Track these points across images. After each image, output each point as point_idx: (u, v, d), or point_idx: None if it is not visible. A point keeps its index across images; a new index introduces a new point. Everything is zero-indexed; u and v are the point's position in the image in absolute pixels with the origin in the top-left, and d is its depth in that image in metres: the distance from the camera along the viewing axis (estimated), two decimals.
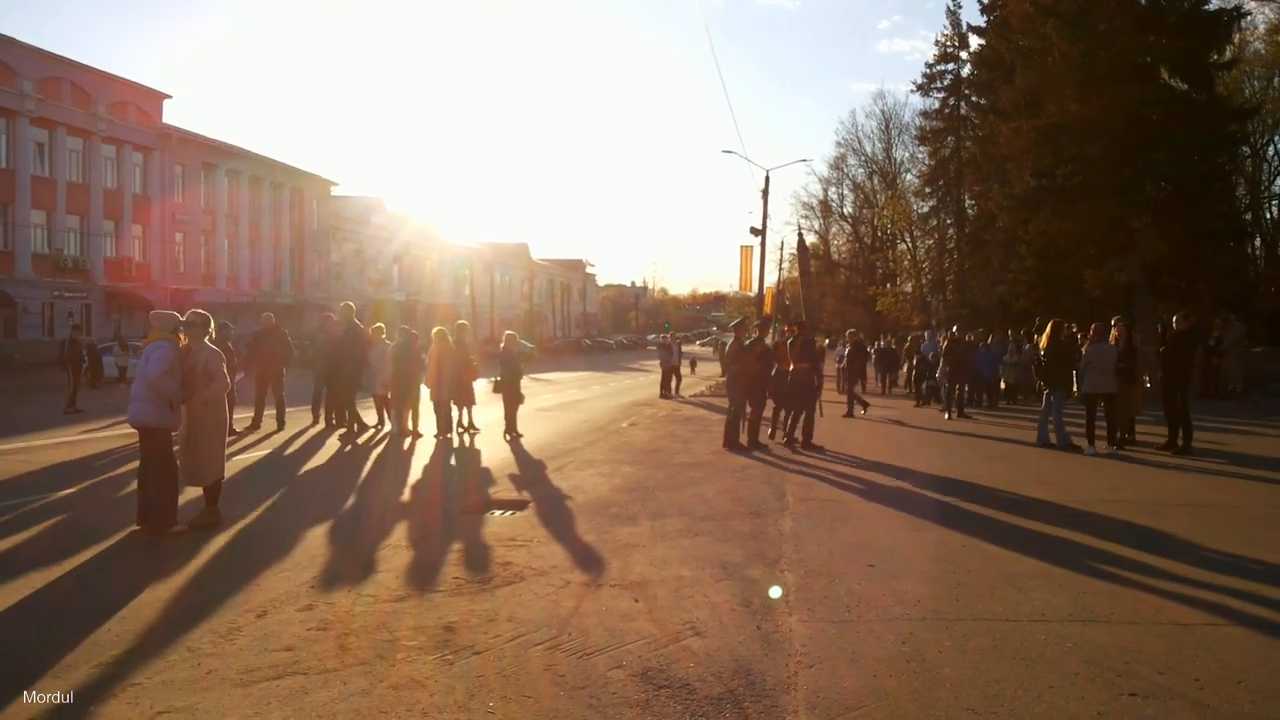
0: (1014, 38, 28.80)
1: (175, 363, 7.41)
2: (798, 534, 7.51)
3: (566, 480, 10.29)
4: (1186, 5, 24.73)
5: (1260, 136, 36.49)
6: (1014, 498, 9.19)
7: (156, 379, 7.27)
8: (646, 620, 5.20)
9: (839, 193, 60.63)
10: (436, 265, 66.97)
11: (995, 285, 30.21)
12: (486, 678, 4.38)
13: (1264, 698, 4.09)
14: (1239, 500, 9.01)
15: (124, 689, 4.29)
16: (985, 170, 33.71)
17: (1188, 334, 12.67)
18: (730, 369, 13.42)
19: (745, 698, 4.13)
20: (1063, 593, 5.74)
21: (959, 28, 47.52)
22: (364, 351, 14.78)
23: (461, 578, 6.12)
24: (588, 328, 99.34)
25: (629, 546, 7.02)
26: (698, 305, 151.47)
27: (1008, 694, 4.16)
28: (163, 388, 7.30)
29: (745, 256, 36.70)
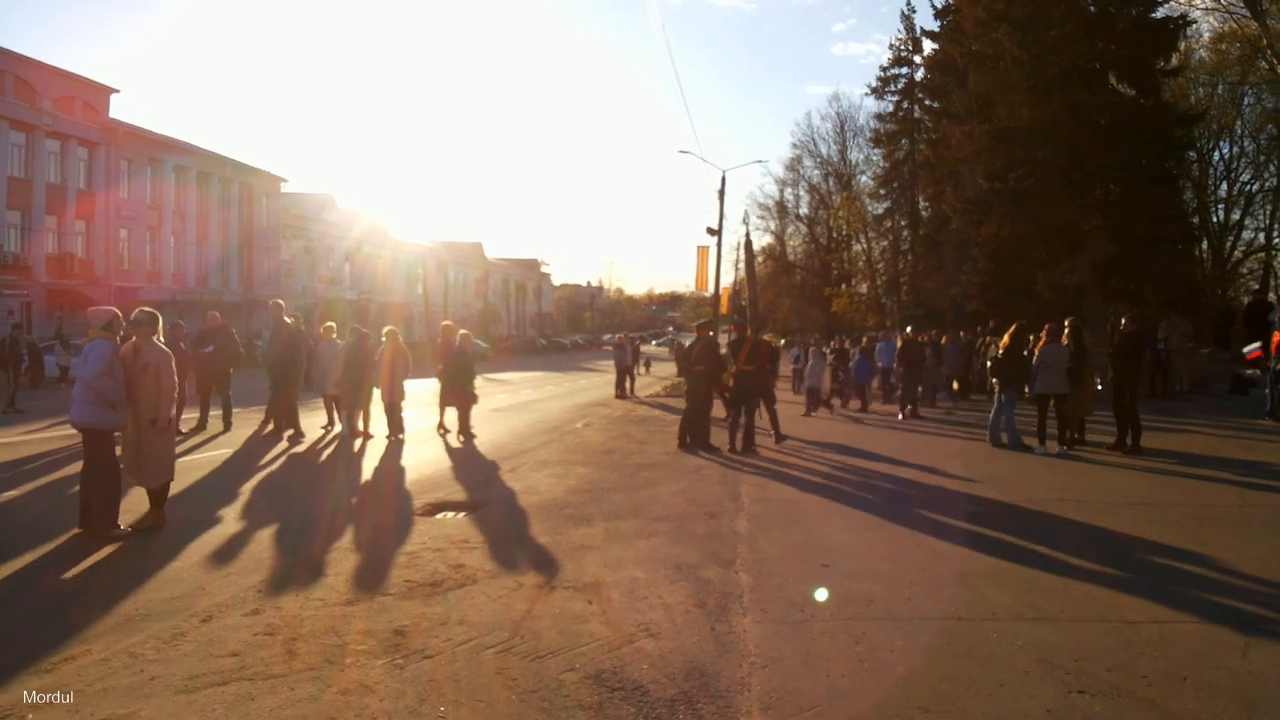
0: (966, 42, 29.18)
1: (114, 362, 7.23)
2: (752, 534, 7.51)
3: (520, 481, 10.22)
4: (1134, 13, 25.21)
5: (1205, 142, 37.33)
6: (966, 497, 9.27)
7: (94, 380, 7.09)
8: (600, 622, 5.16)
9: (795, 194, 60.93)
10: (389, 264, 66.30)
11: (949, 286, 30.56)
12: (438, 682, 4.32)
13: (1209, 694, 4.15)
14: (1185, 499, 9.16)
15: (64, 696, 4.18)
16: (939, 173, 34.11)
17: (1136, 335, 12.89)
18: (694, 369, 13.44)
19: (699, 699, 4.11)
20: (1013, 591, 5.79)
21: (913, 32, 48.15)
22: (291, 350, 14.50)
23: (413, 581, 6.03)
24: (543, 327, 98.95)
25: (583, 548, 6.98)
26: (654, 305, 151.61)
27: (960, 692, 4.18)
28: (101, 388, 7.12)
29: (702, 257, 36.74)
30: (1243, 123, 38.24)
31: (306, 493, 9.82)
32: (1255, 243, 41.25)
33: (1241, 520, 8.06)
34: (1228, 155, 39.92)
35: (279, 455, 12.36)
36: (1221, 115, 36.74)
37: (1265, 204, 39.87)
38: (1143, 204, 24.24)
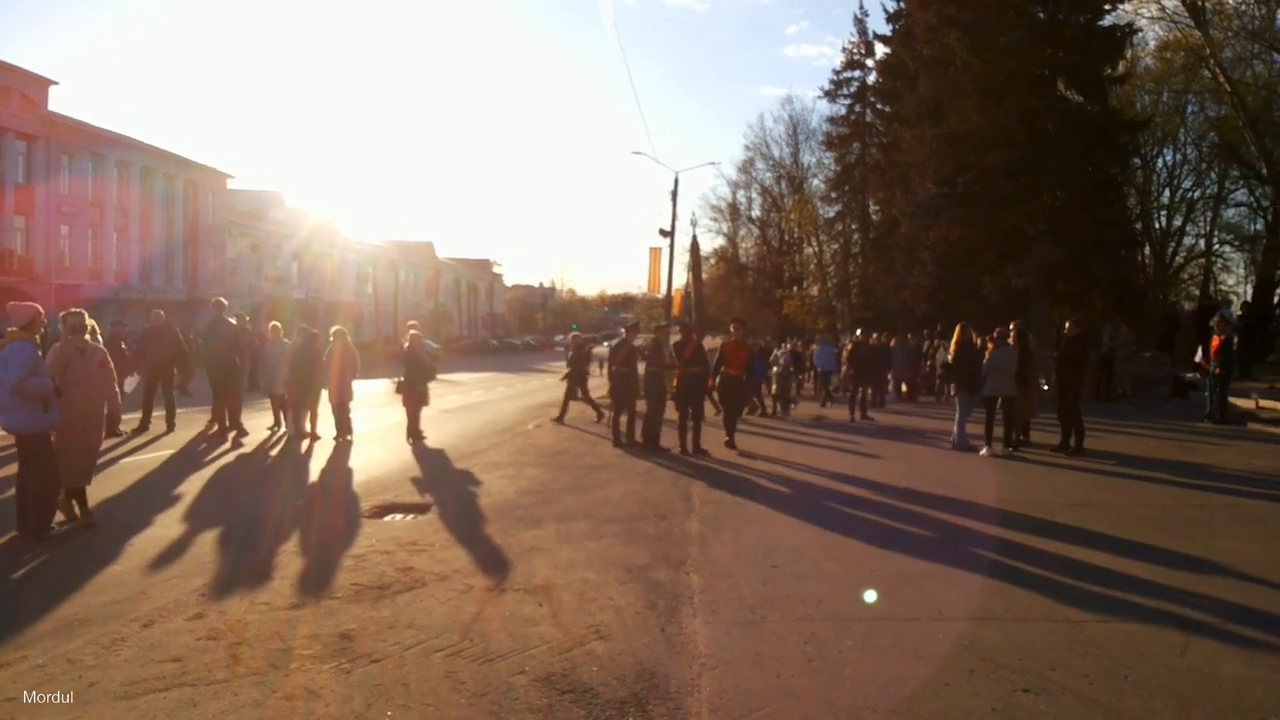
0: (918, 47, 29.51)
1: (36, 360, 7.04)
2: (703, 536, 7.53)
3: (470, 483, 10.16)
4: (1082, 20, 25.64)
5: (1150, 149, 38.10)
6: (914, 497, 9.36)
7: (18, 385, 6.89)
8: (550, 624, 5.14)
9: (747, 196, 61.16)
10: (338, 262, 65.49)
11: (898, 289, 30.88)
12: (385, 686, 4.27)
13: (1149, 692, 4.23)
14: (1127, 500, 9.33)
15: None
16: (889, 177, 34.46)
17: (1080, 339, 13.12)
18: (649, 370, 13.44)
19: (649, 701, 4.11)
20: (960, 591, 5.87)
21: (865, 36, 48.51)
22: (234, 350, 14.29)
23: (360, 584, 5.96)
24: (494, 328, 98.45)
25: (534, 550, 6.95)
26: (606, 306, 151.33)
27: (906, 692, 4.23)
28: (27, 390, 6.93)
29: (654, 258, 36.87)
30: (1186, 130, 39.13)
31: (252, 495, 9.66)
32: (1196, 248, 42.28)
33: (1180, 520, 8.23)
34: (1171, 162, 40.85)
35: (224, 456, 12.15)
36: (1165, 123, 37.53)
37: (1206, 210, 40.89)
38: (1088, 209, 24.67)
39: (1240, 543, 7.32)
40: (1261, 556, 6.85)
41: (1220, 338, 15.55)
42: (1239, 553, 6.96)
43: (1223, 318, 16.46)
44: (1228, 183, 39.36)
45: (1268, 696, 4.18)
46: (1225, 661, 4.63)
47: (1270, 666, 4.56)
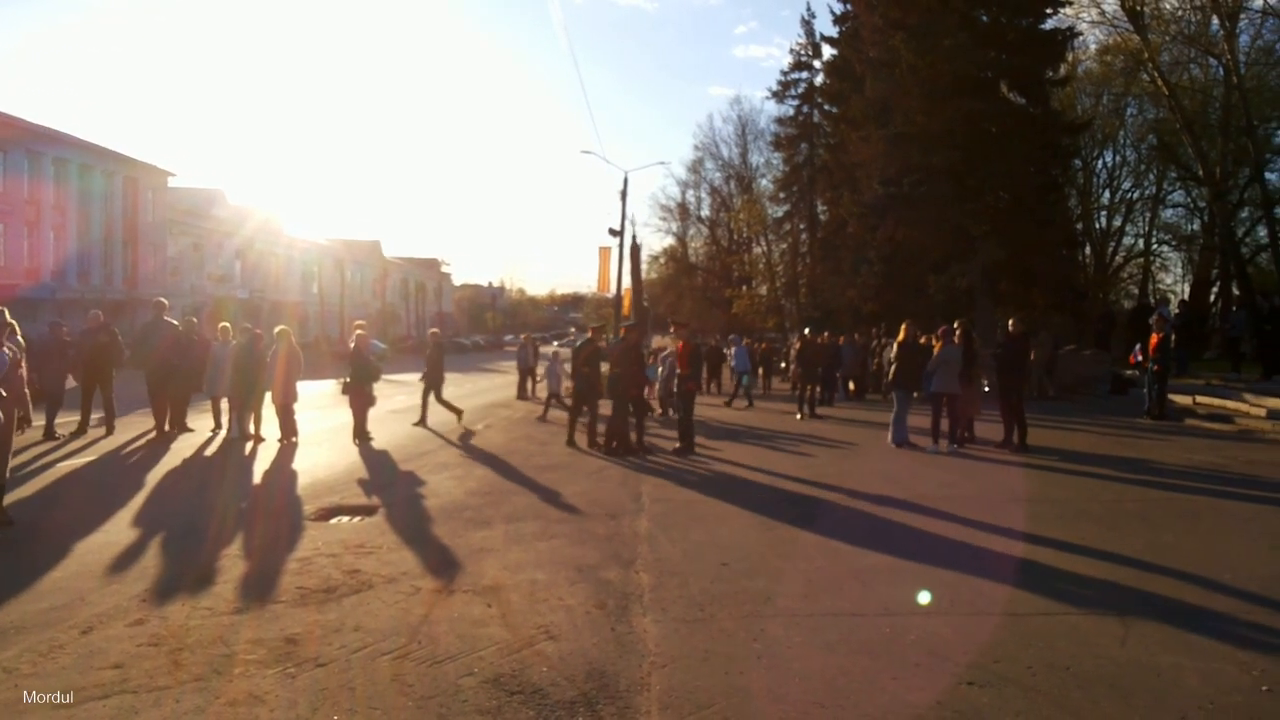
0: (864, 49, 29.81)
1: None
2: (653, 535, 7.53)
3: (418, 484, 10.07)
4: (1024, 24, 26.05)
5: (1090, 150, 38.84)
6: (861, 495, 9.44)
7: None
8: (499, 625, 5.11)
9: (697, 195, 61.52)
10: (283, 261, 64.64)
11: (845, 288, 31.16)
12: (331, 690, 4.21)
13: (1089, 683, 4.31)
14: (1068, 495, 9.51)
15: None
16: (837, 177, 34.77)
17: (1022, 338, 13.35)
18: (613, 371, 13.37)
19: (599, 700, 4.10)
20: (906, 586, 5.93)
21: (813, 37, 48.88)
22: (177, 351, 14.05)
23: (305, 587, 5.88)
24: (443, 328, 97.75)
25: (482, 551, 6.90)
26: (556, 306, 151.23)
27: (854, 686, 4.26)
28: None
29: (604, 258, 36.77)
30: (1125, 132, 39.97)
31: (194, 498, 9.47)
32: (1135, 248, 43.23)
33: (1120, 515, 8.40)
34: (1111, 164, 41.71)
35: (165, 460, 11.92)
36: (1106, 125, 38.27)
37: (1145, 211, 41.79)
38: (1030, 210, 25.09)
39: (1177, 536, 7.48)
40: (1198, 550, 7.01)
41: (1159, 336, 15.90)
42: (1176, 546, 7.11)
43: (1161, 316, 16.83)
44: (1165, 184, 40.29)
45: (1204, 685, 4.28)
46: (1163, 651, 4.73)
47: (1206, 656, 4.66)
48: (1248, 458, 11.93)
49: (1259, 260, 35.31)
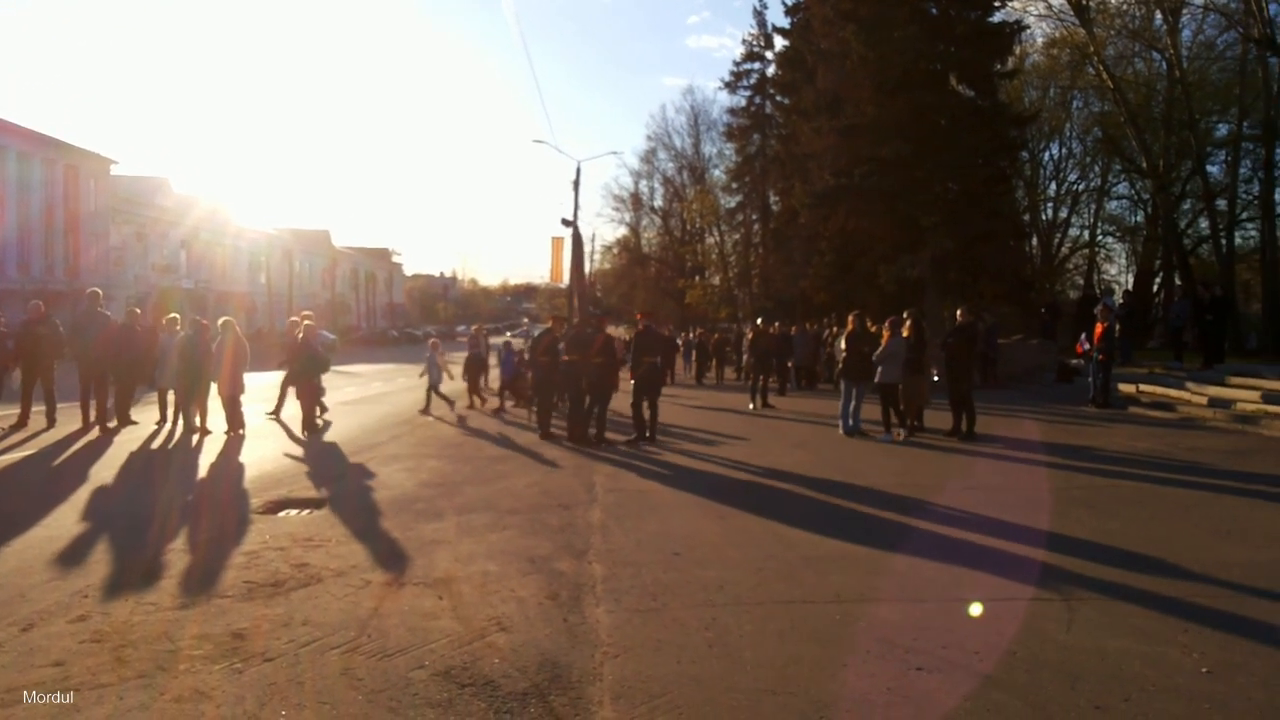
0: (815, 40, 29.95)
1: None
2: (605, 525, 7.53)
3: (368, 476, 9.97)
4: (973, 17, 26.23)
5: (1037, 143, 39.39)
6: (814, 484, 9.53)
7: None
8: (450, 618, 5.07)
9: (649, 186, 61.47)
10: (230, 251, 63.54)
11: (797, 279, 31.32)
12: (279, 685, 4.15)
13: (1036, 667, 4.37)
14: (1016, 482, 9.67)
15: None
16: (788, 168, 34.91)
17: (969, 327, 13.53)
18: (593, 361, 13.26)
19: (550, 691, 4.09)
20: (857, 573, 5.99)
21: (765, 28, 49.01)
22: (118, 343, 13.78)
23: (253, 581, 5.79)
24: (394, 318, 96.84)
25: (434, 543, 6.85)
26: (509, 296, 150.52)
27: (804, 674, 4.29)
28: None
29: (556, 248, 36.74)
30: (1071, 125, 40.59)
31: (138, 492, 9.30)
32: (1080, 239, 43.99)
33: (1066, 501, 8.53)
34: (1057, 156, 42.33)
35: (109, 452, 11.69)
36: (1052, 117, 38.83)
37: (1090, 203, 42.55)
38: (979, 201, 25.34)
39: (1122, 523, 7.62)
40: (1142, 535, 7.15)
41: (1103, 325, 16.19)
42: (1121, 532, 7.25)
43: (1106, 306, 17.17)
44: (1110, 176, 41.02)
45: (1148, 668, 4.36)
46: (1108, 636, 4.81)
47: (1150, 639, 4.76)
48: (1190, 445, 12.19)
49: (1200, 251, 36.09)
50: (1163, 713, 3.88)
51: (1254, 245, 34.76)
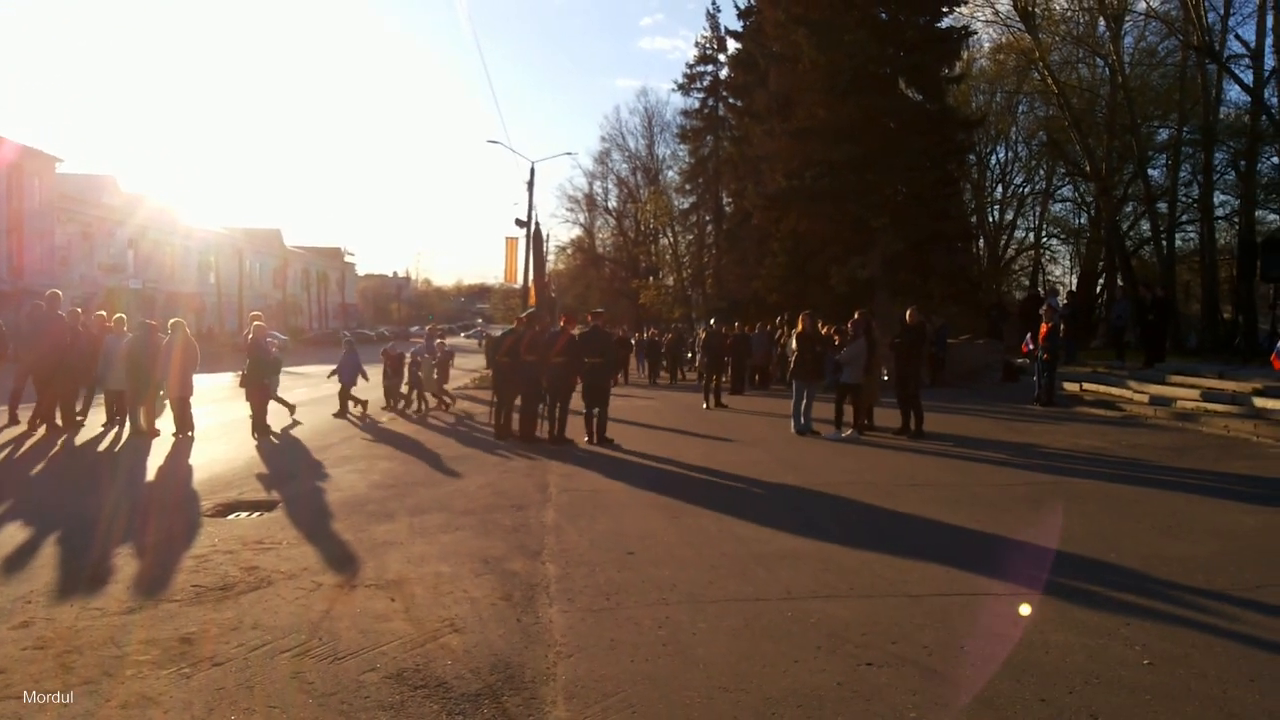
0: (768, 44, 30.14)
1: None
2: (559, 525, 7.54)
3: (320, 478, 9.89)
4: (922, 22, 26.61)
5: (984, 146, 40.08)
6: (766, 482, 9.61)
7: None
8: (403, 620, 5.05)
9: (604, 187, 61.67)
10: (179, 251, 62.41)
11: (750, 279, 31.49)
12: (228, 690, 4.11)
13: (983, 661, 4.46)
14: (964, 480, 9.82)
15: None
16: (741, 170, 35.13)
17: (918, 327, 13.73)
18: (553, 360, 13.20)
19: (504, 692, 4.09)
20: (808, 570, 6.05)
21: (718, 31, 49.33)
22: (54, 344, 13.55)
23: (202, 585, 5.72)
24: (347, 319, 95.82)
25: (386, 544, 6.82)
26: (463, 297, 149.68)
27: (756, 671, 4.33)
28: None
29: (510, 248, 36.54)
30: (1017, 129, 41.31)
31: (85, 495, 9.12)
32: (1026, 241, 44.77)
33: (1012, 498, 8.71)
34: (1003, 159, 43.14)
35: (55, 455, 11.47)
36: (999, 121, 39.51)
37: (1035, 205, 43.33)
38: (927, 203, 25.71)
39: (1065, 518, 7.77)
40: (1085, 531, 7.30)
41: (1048, 325, 16.50)
42: (1065, 528, 7.39)
43: (1050, 306, 17.46)
44: (1055, 179, 41.76)
45: (1091, 661, 4.46)
46: (1053, 630, 4.91)
47: (1093, 633, 4.86)
48: (1131, 442, 12.46)
49: (1142, 253, 36.82)
50: (1106, 704, 3.97)
51: (1194, 247, 35.61)
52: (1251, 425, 12.92)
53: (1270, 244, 20.56)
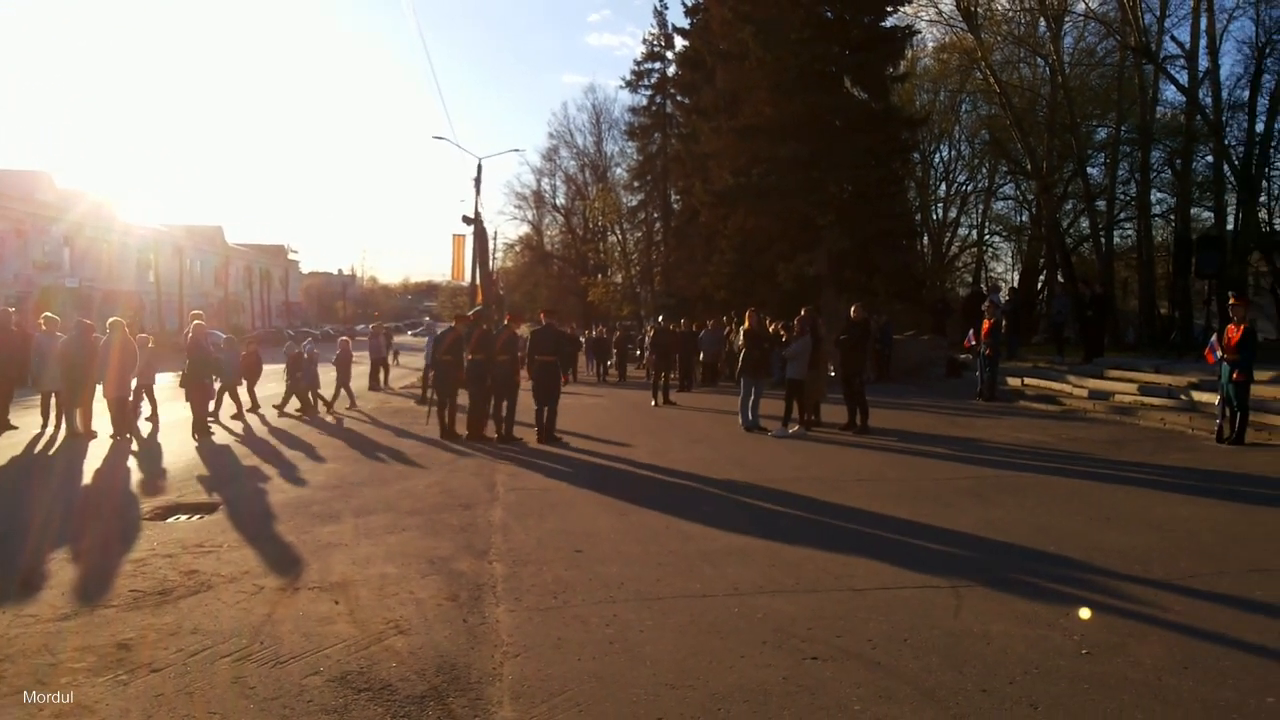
0: (715, 41, 30.19)
1: None
2: (507, 524, 7.50)
3: (262, 479, 9.75)
4: (866, 21, 26.84)
5: (928, 145, 40.51)
6: (713, 479, 9.65)
7: None
8: (347, 622, 5.00)
9: (552, 184, 61.35)
10: (117, 248, 60.99)
11: (699, 276, 31.52)
12: (166, 696, 4.04)
13: (926, 653, 4.52)
14: (908, 474, 9.94)
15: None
16: (689, 167, 35.09)
17: (863, 324, 13.88)
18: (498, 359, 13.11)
19: (449, 693, 4.06)
20: (754, 566, 6.09)
21: (665, 28, 49.16)
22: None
23: (140, 590, 5.61)
24: (291, 317, 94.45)
25: (330, 546, 6.73)
26: (410, 295, 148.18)
27: (702, 667, 4.35)
28: None
29: (458, 245, 36.32)
30: (960, 128, 41.81)
31: (19, 499, 8.93)
32: (969, 239, 45.35)
33: (955, 492, 8.83)
34: (947, 158, 43.58)
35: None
36: (942, 120, 39.95)
37: (978, 203, 43.90)
38: (873, 201, 25.95)
39: (1006, 511, 7.92)
40: (1025, 523, 7.44)
41: (990, 321, 16.77)
42: (1006, 520, 7.53)
43: (992, 303, 17.76)
44: (997, 177, 42.32)
45: (1031, 650, 4.55)
46: (993, 620, 5.00)
47: (1033, 623, 4.96)
48: (1071, 435, 12.71)
49: (1082, 250, 37.53)
50: (1045, 693, 4.04)
51: (1131, 244, 36.43)
52: (1187, 418, 13.24)
53: (1205, 241, 21.11)
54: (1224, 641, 4.69)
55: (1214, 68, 28.46)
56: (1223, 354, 11.54)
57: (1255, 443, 11.60)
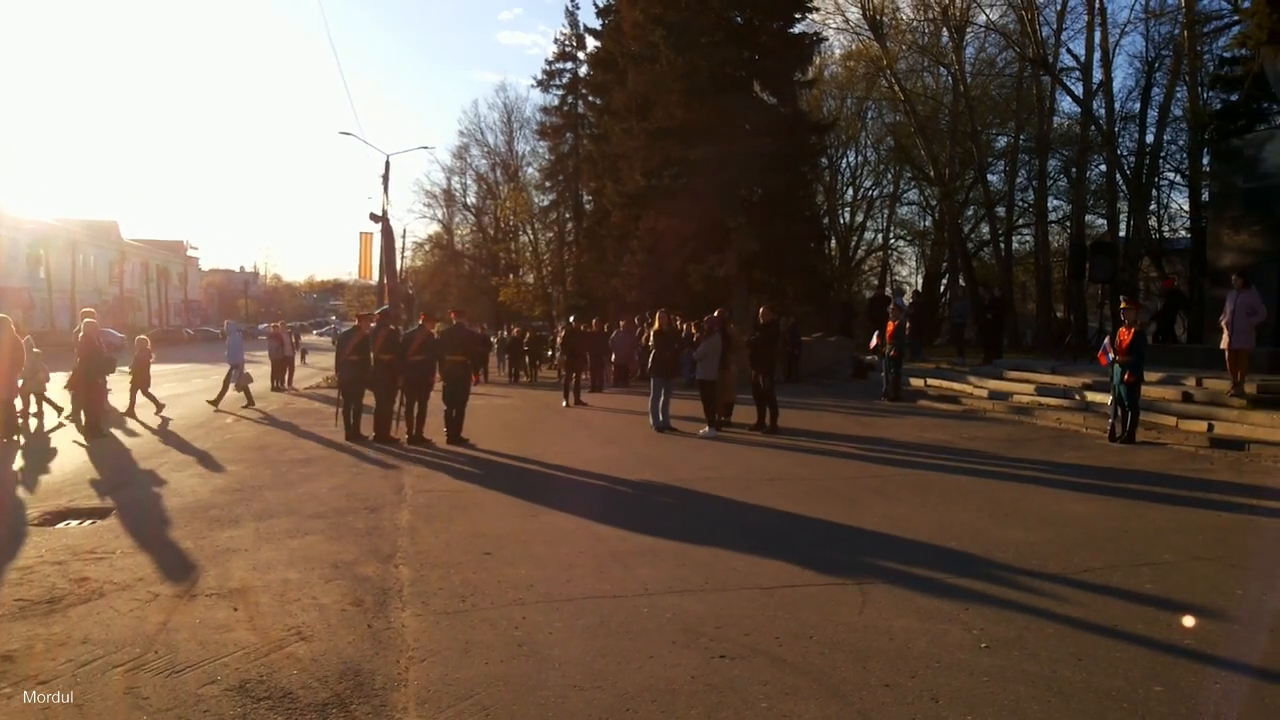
0: (627, 43, 30.22)
1: None
2: (414, 527, 7.40)
3: (158, 483, 9.41)
4: (775, 26, 27.20)
5: (836, 150, 41.34)
6: (624, 479, 9.67)
7: None
8: (246, 629, 4.86)
9: (462, 182, 60.73)
10: (6, 243, 58.43)
11: (610, 277, 31.57)
12: (54, 710, 3.87)
13: (831, 649, 4.59)
14: (816, 473, 10.10)
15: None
16: (601, 168, 35.10)
17: (772, 325, 14.05)
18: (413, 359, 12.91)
19: (353, 700, 3.98)
20: (664, 566, 6.11)
21: (577, 28, 49.02)
22: None
23: (26, 599, 5.37)
24: (190, 316, 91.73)
25: (229, 551, 6.54)
26: (315, 294, 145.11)
27: (612, 668, 4.34)
28: None
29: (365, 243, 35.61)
30: (866, 134, 42.83)
31: None
32: (875, 243, 46.43)
33: (861, 490, 9.00)
34: (854, 163, 44.62)
35: None
36: (849, 126, 40.84)
37: (884, 208, 44.99)
38: (781, 204, 26.32)
39: (910, 508, 8.10)
40: (928, 520, 7.61)
41: (895, 323, 17.16)
42: (909, 518, 7.70)
43: (897, 305, 18.20)
44: (902, 183, 43.53)
45: (932, 645, 4.65)
46: (896, 616, 5.10)
47: (934, 618, 5.07)
48: (971, 434, 13.07)
49: (982, 255, 38.73)
50: (945, 687, 4.14)
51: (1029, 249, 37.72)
52: (1081, 418, 13.71)
53: (1099, 247, 21.93)
54: (1115, 633, 4.86)
55: (1107, 80, 29.71)
56: (1115, 356, 11.99)
57: (1145, 441, 12.07)
